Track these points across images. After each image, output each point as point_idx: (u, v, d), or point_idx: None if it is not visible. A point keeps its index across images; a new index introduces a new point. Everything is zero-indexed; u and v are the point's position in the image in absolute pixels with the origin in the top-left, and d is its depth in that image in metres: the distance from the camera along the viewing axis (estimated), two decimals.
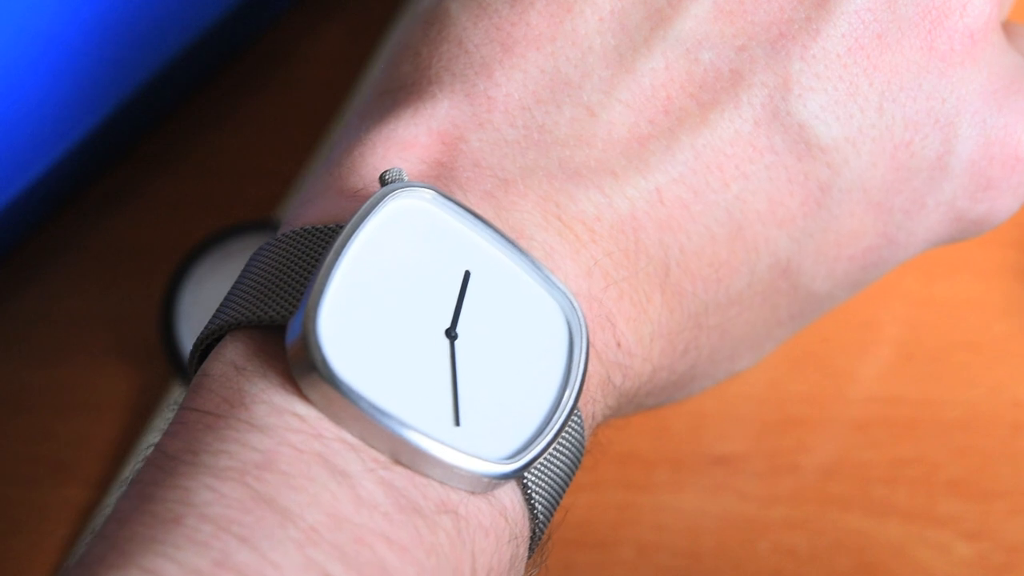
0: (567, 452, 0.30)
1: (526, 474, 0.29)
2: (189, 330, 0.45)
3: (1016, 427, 0.44)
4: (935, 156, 0.34)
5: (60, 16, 0.42)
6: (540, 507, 0.29)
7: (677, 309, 0.32)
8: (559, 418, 0.28)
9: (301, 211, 0.31)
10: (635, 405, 0.34)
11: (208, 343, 0.29)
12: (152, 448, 0.28)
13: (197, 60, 0.45)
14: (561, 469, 0.30)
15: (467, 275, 0.29)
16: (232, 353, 0.28)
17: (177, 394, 0.45)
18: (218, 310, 0.29)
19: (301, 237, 0.29)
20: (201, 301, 0.45)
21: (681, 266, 0.32)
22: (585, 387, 0.30)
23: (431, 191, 0.29)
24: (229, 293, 0.30)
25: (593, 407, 0.31)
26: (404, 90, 0.33)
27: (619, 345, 0.31)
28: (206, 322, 0.30)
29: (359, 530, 0.26)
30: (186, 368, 0.44)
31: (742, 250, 0.33)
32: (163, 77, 0.44)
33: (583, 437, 0.30)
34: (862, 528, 0.43)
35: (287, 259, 0.29)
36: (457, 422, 0.27)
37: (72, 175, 0.45)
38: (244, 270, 0.30)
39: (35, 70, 0.42)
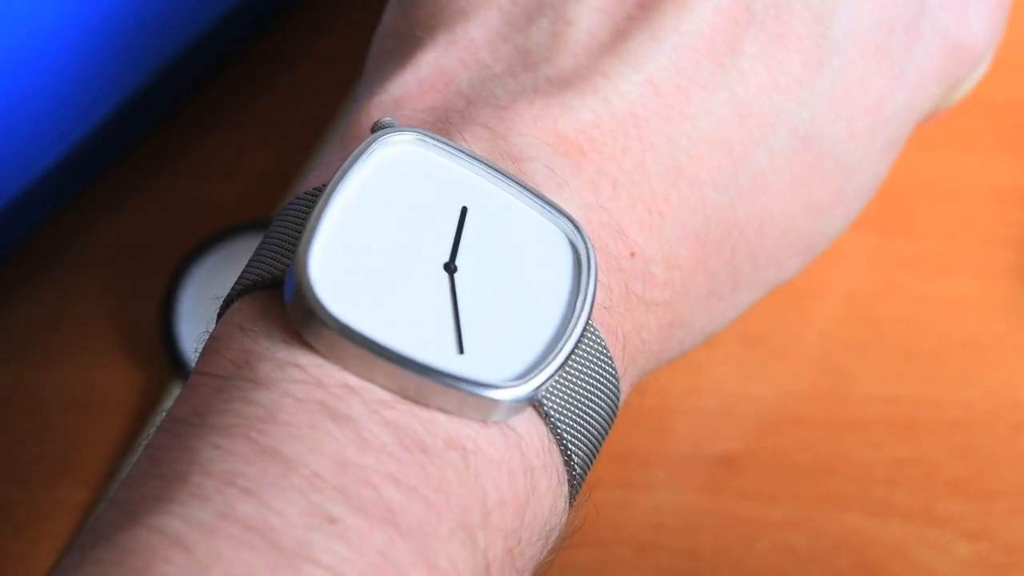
0: (594, 378, 0.29)
1: (545, 400, 0.28)
2: (189, 330, 0.45)
3: (1016, 427, 0.44)
4: None
5: (60, 16, 0.42)
6: (569, 435, 0.29)
7: (698, 204, 0.32)
8: (571, 335, 0.28)
9: (306, 182, 0.32)
10: (685, 328, 0.33)
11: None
12: (162, 414, 0.28)
13: (197, 60, 0.45)
14: (592, 397, 0.29)
15: (464, 210, 0.29)
16: (239, 316, 0.29)
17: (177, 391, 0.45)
18: (235, 282, 0.30)
19: (301, 200, 0.30)
20: (201, 301, 0.45)
21: (692, 157, 0.32)
22: (607, 302, 0.30)
23: (414, 132, 0.29)
24: (245, 265, 0.30)
25: (621, 327, 0.30)
26: (390, 60, 0.33)
27: (632, 255, 0.31)
28: (206, 322, 0.30)
29: (364, 472, 0.26)
30: (186, 368, 0.44)
31: (753, 126, 0.32)
32: (163, 77, 0.44)
33: (610, 360, 0.30)
34: (862, 528, 0.43)
35: (287, 222, 0.30)
36: (461, 351, 0.27)
37: (72, 175, 0.45)
38: (259, 243, 0.31)
39: (35, 70, 0.42)
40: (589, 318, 0.28)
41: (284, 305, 0.28)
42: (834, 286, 0.36)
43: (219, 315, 0.30)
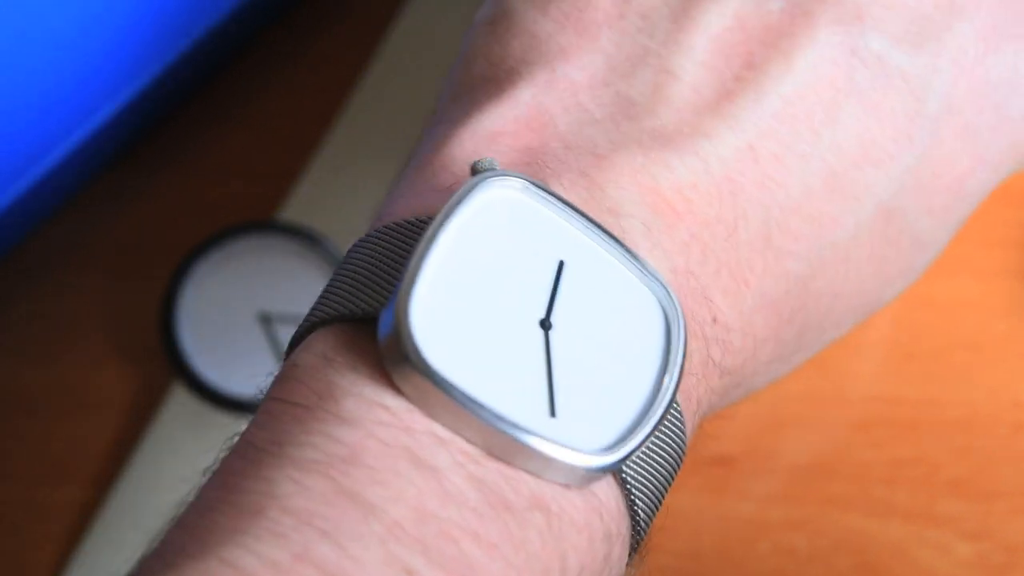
0: (668, 445, 0.29)
1: (625, 468, 0.28)
2: (189, 330, 0.45)
3: (1016, 427, 0.44)
4: (1011, 66, 0.33)
5: (61, 17, 0.42)
6: (640, 503, 0.28)
7: (780, 274, 0.31)
8: (659, 407, 0.27)
9: (391, 208, 0.31)
10: (743, 388, 0.33)
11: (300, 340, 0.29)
12: (237, 437, 0.27)
13: (198, 61, 0.45)
14: (662, 463, 0.29)
15: (561, 265, 0.28)
16: (323, 345, 0.28)
17: (180, 394, 0.45)
18: (311, 309, 0.29)
19: (392, 231, 0.29)
20: (201, 301, 0.45)
21: (781, 226, 0.31)
22: (688, 367, 0.29)
23: (521, 180, 0.28)
24: (322, 291, 0.29)
25: (696, 391, 0.30)
26: (482, 88, 0.32)
27: (715, 320, 0.30)
28: (206, 322, 0.29)
29: (445, 525, 0.25)
30: (186, 368, 0.44)
31: (841, 199, 0.32)
32: (164, 78, 0.44)
33: (683, 428, 0.29)
34: (862, 528, 0.43)
35: (378, 254, 0.29)
36: (553, 413, 0.27)
37: (72, 175, 0.45)
38: (336, 269, 0.30)
39: (36, 71, 0.42)
40: (676, 391, 0.28)
41: (372, 340, 0.27)
42: None
43: (294, 339, 0.29)
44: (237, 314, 0.45)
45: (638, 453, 0.28)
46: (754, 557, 0.43)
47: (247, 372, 0.45)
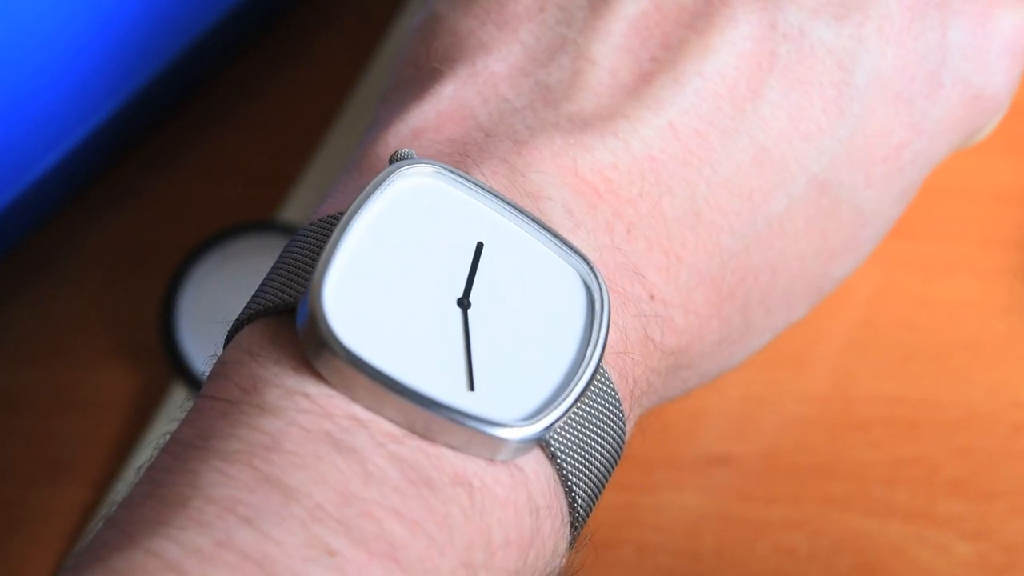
0: (603, 422, 0.29)
1: (552, 442, 0.28)
2: (189, 330, 0.45)
3: (1016, 427, 0.44)
4: (939, 35, 0.34)
5: (61, 17, 0.42)
6: (574, 477, 0.28)
7: (714, 250, 0.32)
8: (582, 378, 0.28)
9: (320, 210, 0.31)
10: (694, 372, 0.33)
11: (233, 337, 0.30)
12: (167, 436, 0.28)
13: (197, 60, 0.45)
14: (598, 441, 0.29)
15: (479, 246, 0.29)
16: (248, 341, 0.28)
17: (180, 394, 0.45)
18: (244, 307, 0.30)
19: (315, 227, 0.30)
20: (201, 301, 0.45)
21: (710, 202, 0.31)
22: (623, 346, 0.30)
23: (433, 166, 0.29)
24: (256, 290, 0.30)
25: (633, 370, 0.30)
26: (408, 90, 0.33)
27: (652, 297, 0.31)
28: (206, 322, 0.30)
29: (367, 505, 0.26)
30: (186, 368, 0.44)
31: (772, 172, 0.32)
32: (164, 77, 0.44)
33: (618, 405, 0.29)
34: (862, 528, 0.43)
35: (302, 250, 0.29)
36: (472, 387, 0.27)
37: (72, 175, 0.45)
38: (270, 268, 0.30)
39: (36, 71, 0.42)
40: (600, 361, 0.28)
41: (295, 333, 0.28)
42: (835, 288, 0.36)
43: (227, 339, 0.30)
44: (237, 314, 0.45)
45: (567, 427, 0.28)
46: (754, 557, 0.43)
47: None
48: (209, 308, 0.45)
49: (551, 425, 0.27)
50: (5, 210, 0.42)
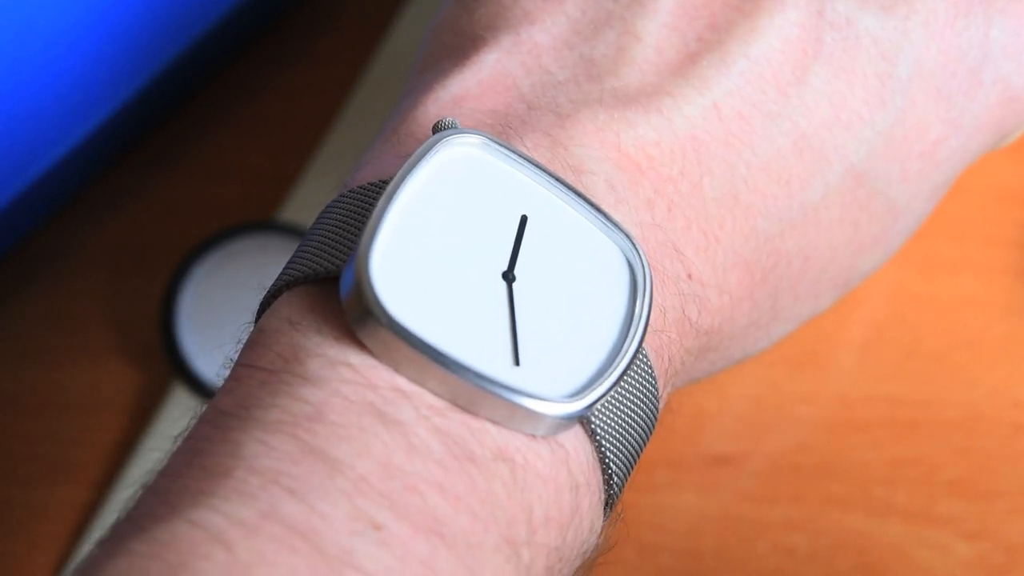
0: (639, 399, 0.29)
1: (593, 419, 0.28)
2: (189, 330, 0.45)
3: (1016, 427, 0.44)
4: (982, 33, 0.34)
5: (61, 17, 0.42)
6: (612, 455, 0.28)
7: (750, 233, 0.32)
8: (624, 356, 0.27)
9: (357, 175, 0.31)
10: (721, 355, 0.33)
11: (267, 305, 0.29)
12: (206, 405, 0.27)
13: (197, 61, 0.45)
14: (634, 418, 0.29)
15: (524, 219, 0.28)
16: (288, 309, 0.28)
17: (180, 394, 0.45)
18: (280, 274, 0.29)
19: (355, 194, 0.29)
20: (201, 301, 0.45)
21: (749, 185, 0.31)
22: (661, 324, 0.30)
23: (480, 136, 0.29)
24: (290, 257, 0.30)
25: (669, 348, 0.30)
26: (448, 57, 0.33)
27: (690, 276, 0.31)
28: (206, 322, 0.30)
29: (410, 478, 0.25)
30: (186, 368, 0.44)
31: (811, 160, 0.32)
32: (164, 78, 0.44)
33: (654, 383, 0.29)
34: (862, 528, 0.43)
35: (342, 217, 0.29)
36: (517, 362, 0.27)
37: (72, 175, 0.45)
38: (304, 236, 0.30)
39: (36, 71, 0.42)
40: (643, 339, 0.28)
41: (336, 301, 0.27)
42: None
43: (262, 306, 0.29)
44: (237, 314, 0.45)
45: (607, 404, 0.28)
46: (754, 557, 0.42)
47: None
48: (209, 308, 0.45)
49: (595, 402, 0.27)
50: (5, 210, 0.43)
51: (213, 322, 0.45)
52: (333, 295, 0.27)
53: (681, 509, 0.43)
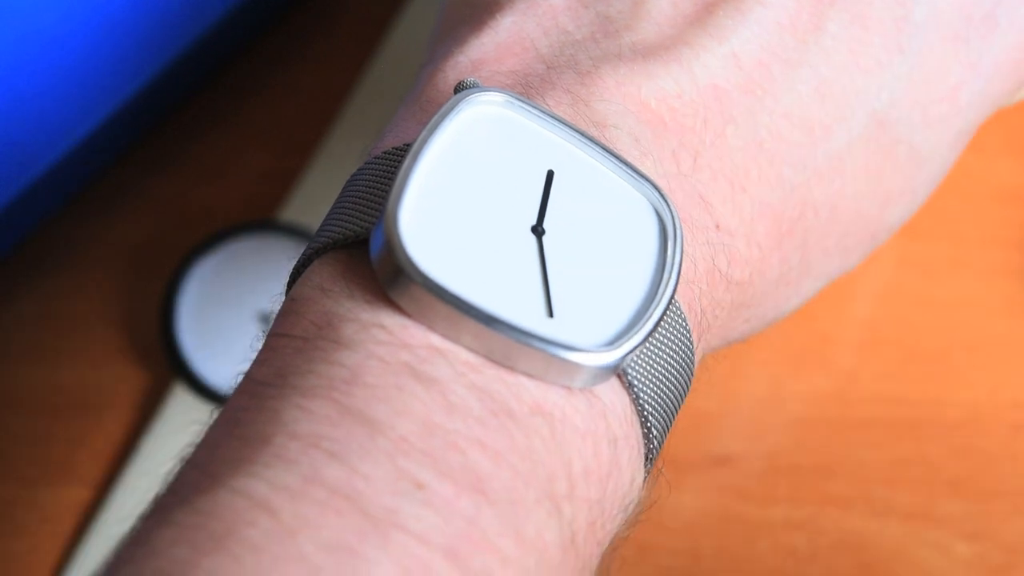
0: (674, 351, 0.29)
1: (629, 370, 0.28)
2: (189, 330, 0.45)
3: (1016, 427, 0.44)
4: None
5: (61, 17, 0.42)
6: (650, 407, 0.28)
7: (776, 182, 0.32)
8: (659, 305, 0.27)
9: (380, 143, 0.31)
10: (755, 313, 0.33)
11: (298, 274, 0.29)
12: (241, 376, 0.27)
13: (198, 61, 0.45)
14: (670, 370, 0.29)
15: (550, 174, 0.28)
16: (319, 277, 0.28)
17: (180, 394, 0.45)
18: (308, 242, 0.29)
19: (379, 160, 0.29)
20: (201, 301, 0.45)
21: (773, 133, 0.31)
22: (692, 275, 0.30)
23: (503, 94, 0.29)
24: (319, 227, 0.30)
25: (700, 300, 0.30)
26: (464, 25, 0.33)
27: (718, 226, 0.30)
28: (206, 322, 0.30)
29: (451, 436, 0.25)
30: (186, 368, 0.44)
31: (833, 106, 0.32)
32: (164, 78, 0.44)
33: (688, 335, 0.29)
34: (862, 528, 0.43)
35: (367, 183, 0.29)
36: (550, 314, 0.27)
37: (72, 175, 0.45)
38: (332, 206, 0.30)
39: (36, 71, 0.42)
40: (676, 288, 0.28)
41: (366, 265, 0.27)
42: (835, 287, 0.36)
43: (292, 275, 0.29)
44: (237, 314, 0.45)
45: (642, 356, 0.28)
46: (754, 557, 0.43)
47: None
48: (209, 308, 0.45)
49: (630, 352, 0.27)
50: (5, 210, 0.43)
51: (213, 322, 0.45)
52: (363, 260, 0.27)
53: (681, 509, 0.43)
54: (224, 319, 0.45)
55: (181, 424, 0.45)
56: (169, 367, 0.45)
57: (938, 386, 0.44)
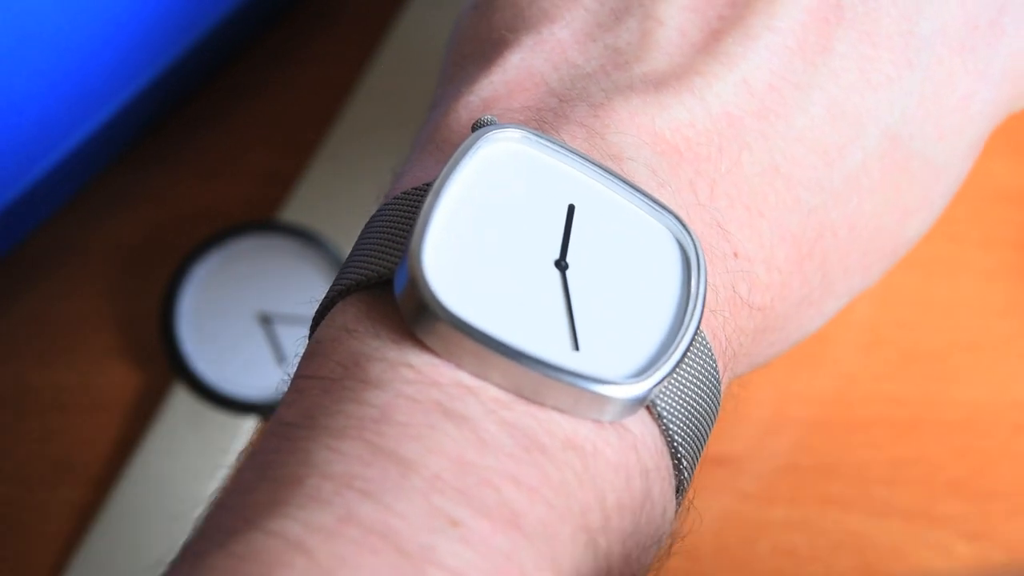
0: (701, 380, 0.29)
1: (658, 401, 0.28)
2: (189, 330, 0.45)
3: (1016, 427, 0.44)
4: None
5: (61, 17, 0.42)
6: (679, 437, 0.28)
7: (793, 205, 0.32)
8: (685, 336, 0.27)
9: (397, 184, 0.31)
10: (780, 335, 0.33)
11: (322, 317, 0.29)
12: (270, 419, 0.27)
13: (198, 61, 0.45)
14: (698, 400, 0.29)
15: (571, 208, 0.28)
16: (343, 318, 0.28)
17: (180, 394, 0.45)
18: (331, 285, 0.29)
19: (399, 200, 0.29)
20: (201, 301, 0.45)
21: (788, 157, 0.31)
22: (713, 304, 0.30)
23: (520, 130, 0.29)
24: (340, 269, 0.30)
25: (724, 328, 0.30)
26: (472, 64, 0.33)
27: (736, 254, 0.31)
28: (206, 322, 0.30)
29: (484, 473, 0.25)
30: (186, 368, 0.44)
31: (846, 126, 0.32)
32: (164, 78, 0.44)
33: (714, 364, 0.29)
34: (862, 528, 0.43)
35: (388, 223, 0.29)
36: (576, 347, 0.27)
37: (72, 175, 0.45)
38: (351, 250, 0.30)
39: (36, 71, 0.42)
40: (701, 317, 0.28)
41: (391, 305, 0.27)
42: None
43: (315, 318, 0.29)
44: (237, 314, 0.45)
45: (670, 388, 0.28)
46: (754, 557, 0.43)
47: (247, 372, 0.45)
48: (209, 308, 0.45)
49: (659, 382, 0.27)
50: (5, 210, 0.43)
51: (213, 322, 0.45)
52: (387, 299, 0.27)
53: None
54: (224, 319, 0.45)
55: (181, 424, 0.45)
56: (169, 367, 0.45)
57: (938, 386, 0.44)
